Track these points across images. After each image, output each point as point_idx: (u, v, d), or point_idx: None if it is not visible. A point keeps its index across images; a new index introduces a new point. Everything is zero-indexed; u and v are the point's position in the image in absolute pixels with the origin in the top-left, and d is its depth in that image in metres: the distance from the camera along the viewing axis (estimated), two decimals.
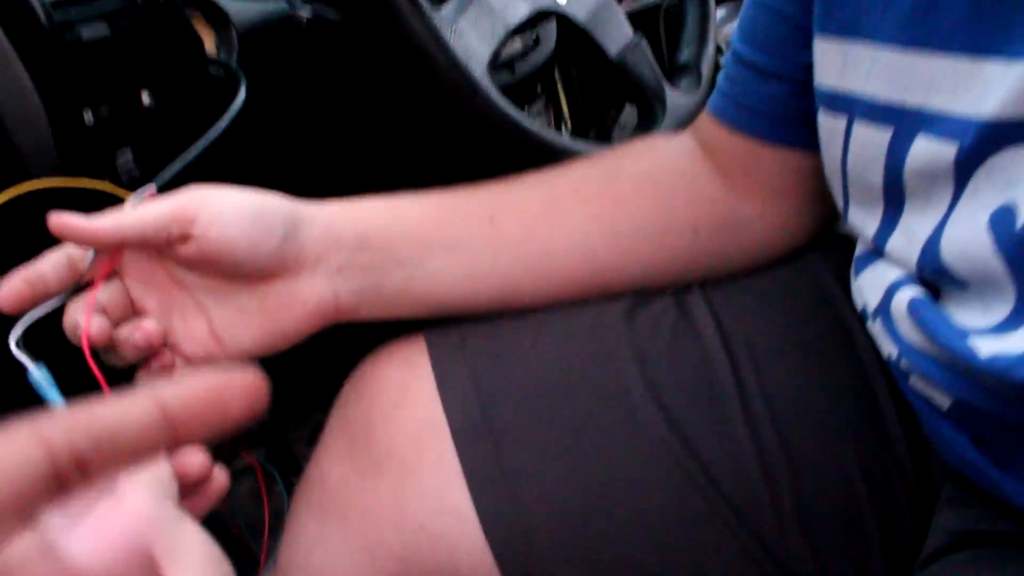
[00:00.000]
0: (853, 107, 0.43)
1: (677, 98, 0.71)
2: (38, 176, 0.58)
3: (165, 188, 0.52)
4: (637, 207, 0.53)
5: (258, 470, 0.55)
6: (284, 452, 0.93)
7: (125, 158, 0.62)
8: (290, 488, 0.96)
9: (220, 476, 0.36)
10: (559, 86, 0.89)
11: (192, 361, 0.47)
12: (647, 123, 0.70)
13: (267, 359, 0.94)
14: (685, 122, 0.70)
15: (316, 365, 1.06)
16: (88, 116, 0.56)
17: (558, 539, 0.48)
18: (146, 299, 0.46)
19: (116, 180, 0.62)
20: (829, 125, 0.46)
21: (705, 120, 0.55)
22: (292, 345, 0.49)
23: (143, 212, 0.44)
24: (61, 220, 0.42)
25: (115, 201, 0.51)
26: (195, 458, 0.34)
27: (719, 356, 0.50)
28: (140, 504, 0.27)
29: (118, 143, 0.61)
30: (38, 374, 0.42)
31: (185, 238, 0.44)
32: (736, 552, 0.48)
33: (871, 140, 0.42)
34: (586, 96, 0.89)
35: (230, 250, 0.45)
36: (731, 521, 0.47)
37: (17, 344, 0.43)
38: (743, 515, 0.48)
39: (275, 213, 0.46)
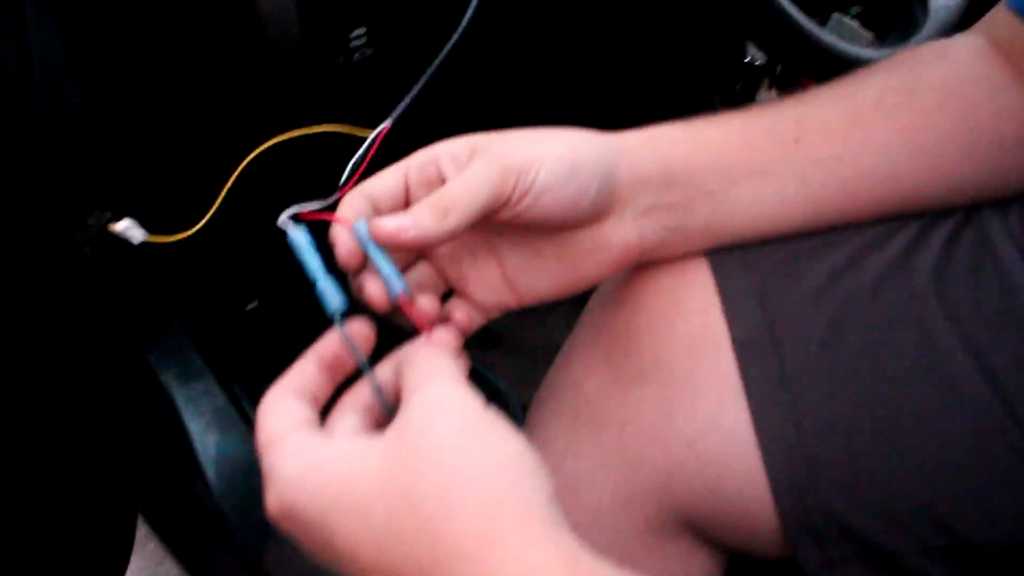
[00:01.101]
0: None
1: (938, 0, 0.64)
2: (276, 43, 0.56)
3: (399, 121, 0.50)
4: (941, 121, 0.48)
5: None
6: None
7: (359, 35, 0.60)
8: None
9: None
10: None
11: (483, 308, 0.45)
12: (906, 28, 0.64)
13: None
14: (948, 28, 0.64)
15: None
16: None
17: (842, 471, 0.45)
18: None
19: (347, 55, 0.61)
20: None
21: (1003, 18, 0.49)
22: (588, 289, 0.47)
23: (471, 194, 0.40)
24: (385, 230, 0.40)
25: (354, 141, 0.49)
26: None
27: (1020, 280, 0.46)
28: None
29: (354, 20, 0.59)
30: (298, 236, 0.42)
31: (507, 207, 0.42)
32: None
33: None
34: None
35: (548, 215, 0.42)
36: None
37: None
38: None
39: (591, 169, 0.43)
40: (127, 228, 0.57)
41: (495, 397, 0.88)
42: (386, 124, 0.49)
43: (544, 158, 0.41)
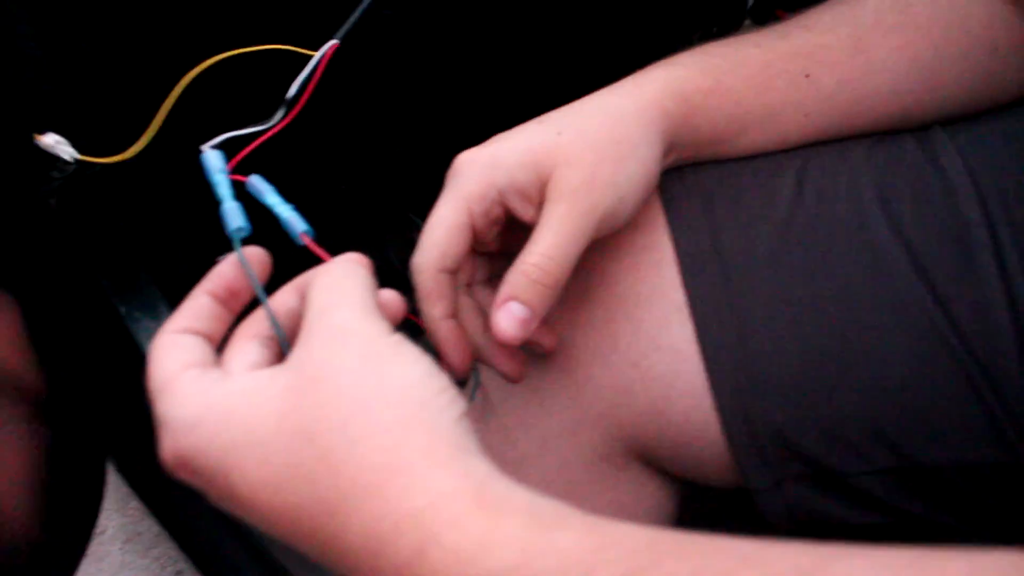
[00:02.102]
0: None
1: None
2: None
3: (345, 38, 0.49)
4: (937, 33, 0.48)
5: (416, 319, 0.53)
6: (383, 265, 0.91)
7: None
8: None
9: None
10: None
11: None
12: None
13: (419, 215, 0.92)
14: None
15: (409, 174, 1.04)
16: None
17: (788, 389, 0.44)
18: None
19: None
20: None
21: None
22: None
23: (571, 259, 0.40)
24: (508, 332, 0.40)
25: (299, 59, 0.48)
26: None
27: (968, 198, 0.45)
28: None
29: None
30: (211, 157, 0.41)
31: None
32: (979, 420, 0.43)
33: None
34: None
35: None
36: (978, 382, 0.43)
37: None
38: (991, 377, 0.43)
39: (656, 180, 0.44)
40: (56, 143, 0.55)
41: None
42: (333, 42, 0.48)
43: (627, 198, 0.42)
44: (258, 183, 0.41)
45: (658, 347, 0.45)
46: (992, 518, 0.46)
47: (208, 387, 0.33)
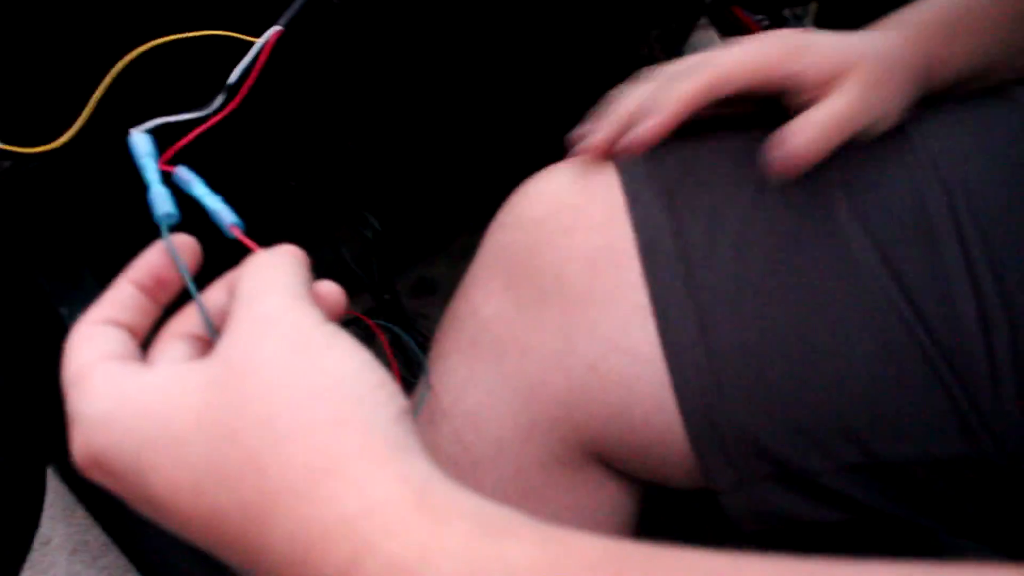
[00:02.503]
0: None
1: None
2: None
3: (291, 24, 0.47)
4: None
5: (368, 320, 0.51)
6: (392, 302, 0.90)
7: None
8: (396, 339, 0.93)
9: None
10: None
11: None
12: None
13: (374, 213, 0.90)
14: None
15: (415, 218, 1.03)
16: None
17: (752, 387, 0.42)
18: None
19: None
20: None
21: None
22: None
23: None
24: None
25: (242, 45, 0.46)
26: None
27: (932, 189, 0.44)
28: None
29: None
30: (138, 140, 0.39)
31: None
32: (943, 404, 0.42)
33: None
34: None
35: None
36: (942, 370, 0.42)
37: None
38: (955, 365, 0.42)
39: None
40: None
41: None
42: (277, 28, 0.46)
43: (882, 123, 0.44)
44: (184, 173, 0.38)
45: (617, 349, 0.43)
46: (960, 514, 0.45)
47: (123, 380, 0.31)
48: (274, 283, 0.31)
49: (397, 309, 0.90)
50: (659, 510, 0.51)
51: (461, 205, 0.99)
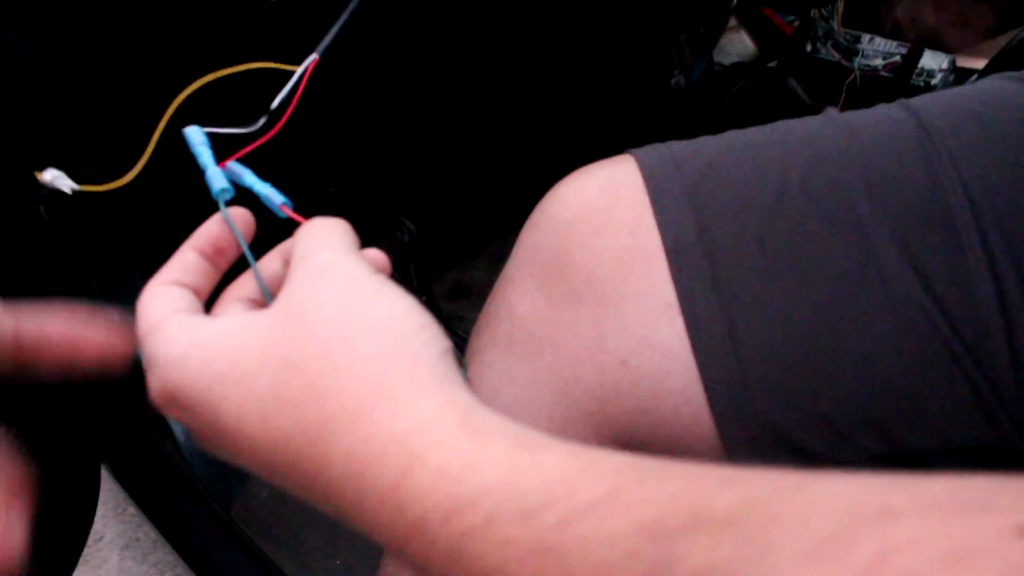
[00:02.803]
0: None
1: None
2: None
3: (326, 53, 0.50)
4: None
5: None
6: (429, 304, 0.92)
7: None
8: None
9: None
10: None
11: None
12: None
13: (410, 218, 0.92)
14: None
15: (452, 222, 1.05)
16: None
17: (779, 379, 0.44)
18: None
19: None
20: None
21: None
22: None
23: None
24: None
25: (283, 75, 0.49)
26: None
27: (950, 181, 0.45)
28: None
29: None
30: (192, 131, 0.43)
31: None
32: (968, 402, 0.43)
33: None
34: None
35: None
36: (968, 367, 0.43)
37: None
38: (976, 354, 0.43)
39: None
40: (55, 178, 0.56)
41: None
42: (314, 57, 0.49)
43: None
44: (235, 167, 0.42)
45: (647, 345, 0.45)
46: None
47: (195, 326, 0.34)
48: (327, 241, 0.35)
49: (433, 311, 0.92)
50: None
51: (495, 209, 1.01)
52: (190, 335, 0.33)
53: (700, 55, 1.04)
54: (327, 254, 0.34)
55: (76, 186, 0.56)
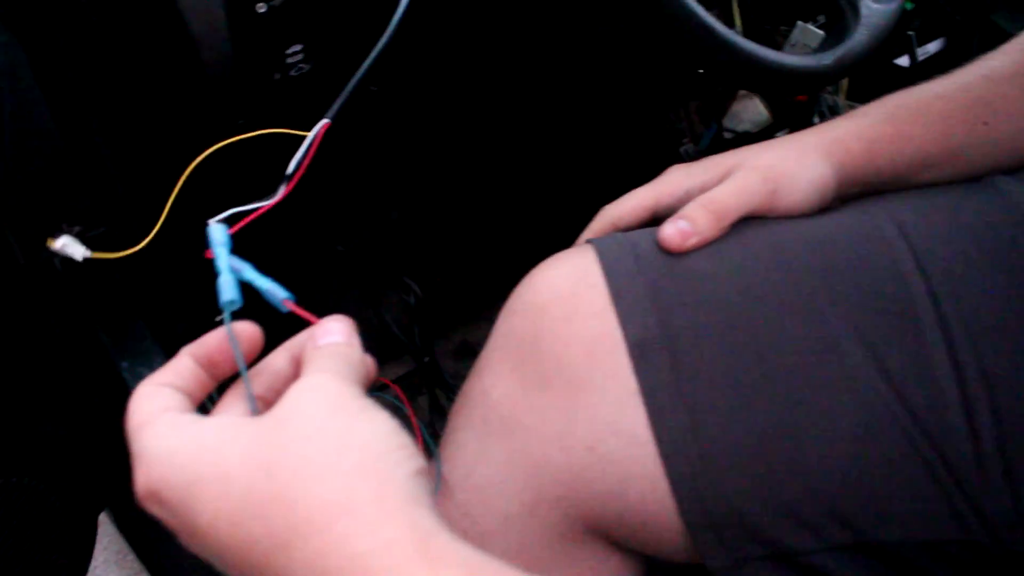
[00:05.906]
0: None
1: (871, 5, 0.64)
2: (211, 68, 0.58)
3: (337, 116, 0.52)
4: None
5: (396, 388, 0.54)
6: (431, 365, 0.93)
7: (295, 52, 0.61)
8: (434, 401, 0.96)
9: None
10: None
11: None
12: (839, 33, 0.64)
13: (416, 280, 0.93)
14: (881, 33, 0.64)
15: (459, 284, 1.06)
16: (261, 6, 0.54)
17: (742, 469, 0.45)
18: None
19: (284, 71, 0.62)
20: None
21: None
22: None
23: (740, 204, 0.49)
24: (671, 238, 0.48)
25: (294, 140, 0.51)
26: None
27: (911, 272, 0.46)
28: None
29: (289, 39, 0.60)
30: (215, 230, 0.43)
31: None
32: (929, 487, 0.44)
33: None
34: (761, 8, 0.84)
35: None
36: (928, 454, 0.44)
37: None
38: (940, 448, 0.44)
39: (830, 191, 0.51)
40: (65, 245, 0.58)
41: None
42: (325, 121, 0.50)
43: (800, 180, 0.50)
44: (236, 262, 0.42)
45: (614, 431, 0.46)
46: None
47: (184, 425, 0.35)
48: (327, 365, 0.37)
49: (436, 371, 0.94)
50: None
51: (502, 271, 1.02)
52: (178, 432, 0.35)
53: (708, 123, 1.05)
54: (321, 376, 0.36)
55: (88, 253, 0.58)
